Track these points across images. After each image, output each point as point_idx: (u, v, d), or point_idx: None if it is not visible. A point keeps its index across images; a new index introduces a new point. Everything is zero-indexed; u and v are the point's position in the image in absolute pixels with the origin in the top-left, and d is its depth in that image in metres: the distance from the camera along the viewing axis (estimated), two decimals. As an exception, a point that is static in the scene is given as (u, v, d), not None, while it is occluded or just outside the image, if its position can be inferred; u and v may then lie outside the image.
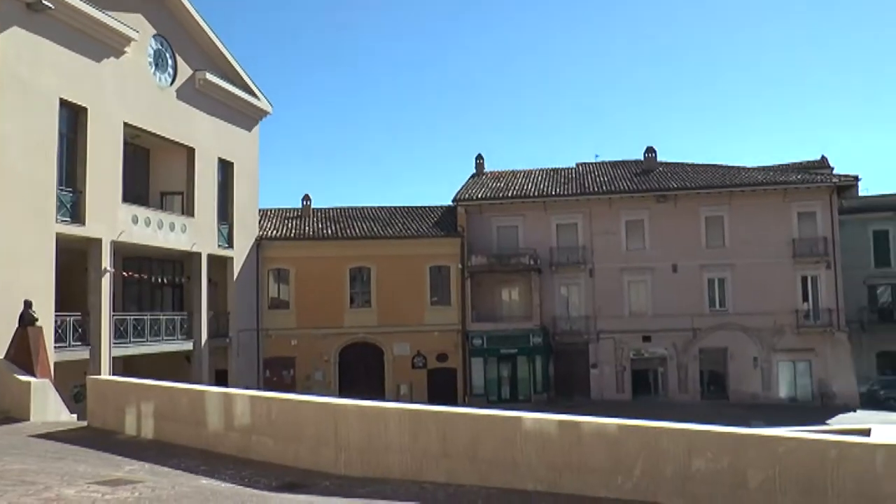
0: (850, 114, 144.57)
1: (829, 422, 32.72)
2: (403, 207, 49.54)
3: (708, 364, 44.68)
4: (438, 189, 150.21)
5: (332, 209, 49.67)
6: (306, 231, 46.21)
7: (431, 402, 36.62)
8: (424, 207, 49.38)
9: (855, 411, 39.82)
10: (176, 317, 35.19)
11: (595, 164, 51.82)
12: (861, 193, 56.18)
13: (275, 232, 45.45)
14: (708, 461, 11.31)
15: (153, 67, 33.49)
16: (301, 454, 13.70)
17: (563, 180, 48.63)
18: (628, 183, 46.87)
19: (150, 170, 36.29)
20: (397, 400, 37.77)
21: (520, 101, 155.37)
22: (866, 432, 13.28)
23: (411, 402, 26.70)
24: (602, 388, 44.36)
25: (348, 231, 46.05)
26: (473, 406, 24.36)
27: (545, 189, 47.11)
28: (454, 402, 39.39)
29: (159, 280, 36.12)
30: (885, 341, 53.65)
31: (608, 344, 44.65)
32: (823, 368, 43.49)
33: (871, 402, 43.98)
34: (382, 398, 35.76)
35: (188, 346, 35.52)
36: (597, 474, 11.80)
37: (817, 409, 40.05)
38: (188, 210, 36.01)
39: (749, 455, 11.25)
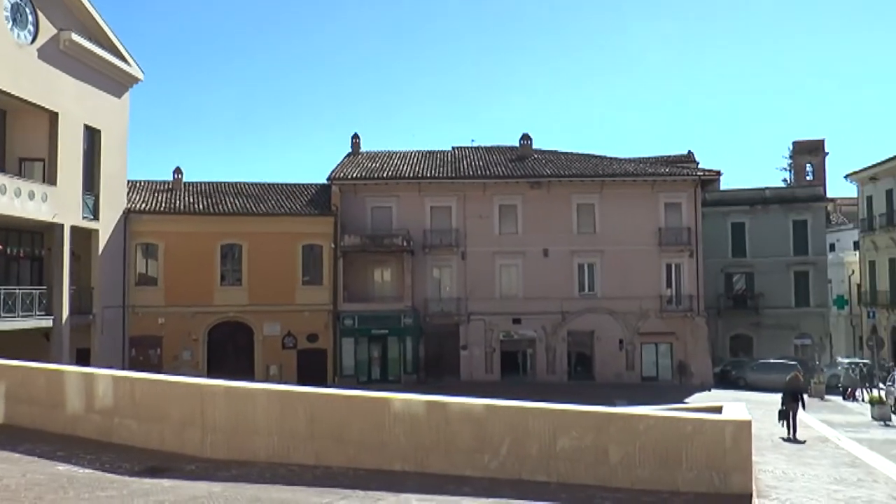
0: (716, 112, 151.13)
1: (686, 400, 34.23)
2: (277, 184, 48.56)
3: (575, 346, 45.96)
4: (313, 167, 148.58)
5: (205, 183, 48.18)
6: (177, 205, 44.66)
7: (301, 383, 36.26)
8: (298, 185, 48.56)
9: (710, 390, 41.82)
10: (34, 291, 33.31)
11: (471, 148, 52.25)
12: (722, 188, 59.15)
13: (144, 205, 43.75)
14: (572, 439, 11.65)
15: (10, 23, 31.39)
16: (166, 437, 13.31)
17: (438, 163, 48.81)
18: (503, 168, 47.47)
19: (7, 134, 34.16)
20: (267, 381, 37.27)
21: (398, 83, 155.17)
22: (718, 409, 13.98)
23: (281, 382, 26.36)
24: (472, 370, 44.94)
25: (220, 206, 44.81)
26: (343, 387, 24.25)
27: (420, 171, 47.17)
28: (324, 384, 39.09)
29: (16, 252, 34.19)
30: (739, 326, 56.91)
31: (479, 325, 45.24)
32: (683, 350, 45.51)
33: (725, 381, 46.79)
34: (252, 379, 35.05)
35: (47, 322, 33.72)
36: (464, 454, 11.95)
37: (676, 388, 41.86)
38: (50, 178, 34.06)
39: (611, 432, 11.68)
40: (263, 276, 43.34)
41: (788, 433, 21.62)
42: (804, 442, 20.50)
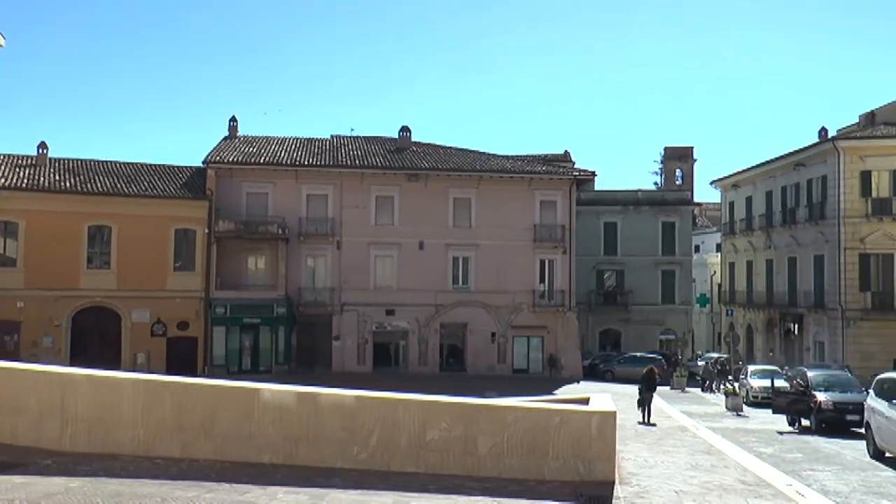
0: (592, 115, 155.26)
1: (556, 392, 35.00)
2: (150, 165, 46.66)
3: (448, 338, 46.46)
4: (189, 149, 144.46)
5: (72, 160, 45.63)
6: (41, 182, 42.34)
7: (170, 372, 35.19)
8: (172, 167, 46.86)
9: (579, 382, 43.00)
10: None
11: (349, 137, 51.85)
12: (596, 188, 60.94)
13: (3, 181, 41.38)
14: (442, 430, 11.77)
15: None
16: (20, 430, 12.58)
17: (316, 151, 48.22)
18: (381, 159, 47.34)
19: None
20: (134, 370, 35.95)
21: (278, 68, 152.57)
22: (585, 401, 14.42)
23: (148, 372, 25.58)
24: (344, 360, 44.73)
25: (89, 185, 42.80)
26: (213, 377, 23.81)
27: (298, 158, 46.50)
28: (194, 373, 37.96)
29: None
30: (608, 321, 58.95)
31: (352, 316, 45.07)
32: (554, 344, 46.68)
33: (594, 374, 48.31)
34: (118, 368, 33.87)
35: None
36: (333, 445, 11.90)
37: (547, 380, 42.81)
38: None
39: (480, 423, 11.86)
40: (133, 260, 41.72)
41: (644, 418, 23.74)
42: (655, 425, 22.67)
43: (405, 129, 50.55)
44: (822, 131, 52.68)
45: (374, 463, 11.74)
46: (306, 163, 45.80)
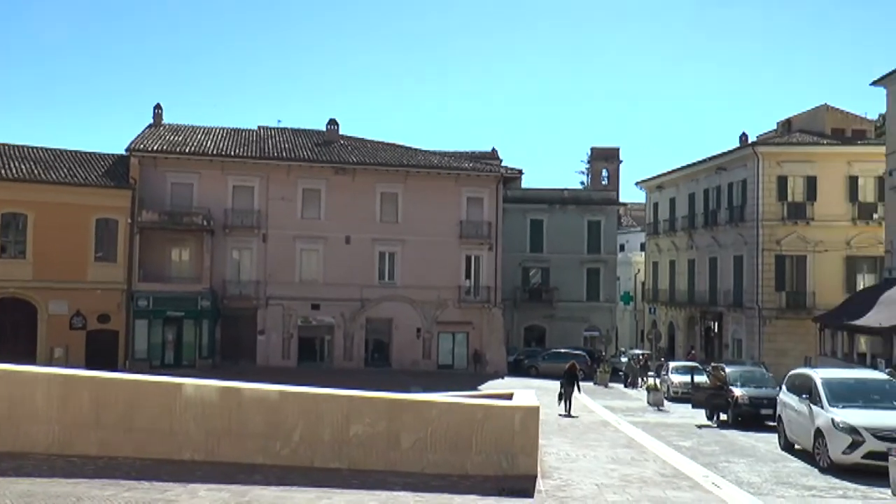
0: (521, 114, 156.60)
1: (480, 387, 35.27)
2: (70, 151, 44.96)
3: (374, 333, 46.29)
4: (111, 136, 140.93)
5: (-15, 144, 43.97)
6: (-51, 167, 40.74)
7: (89, 366, 34.15)
8: (94, 154, 45.30)
9: (503, 378, 43.32)
10: None
11: (277, 129, 51.03)
12: (524, 186, 61.55)
13: None
14: (366, 426, 11.76)
15: None
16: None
17: (243, 141, 47.41)
18: (309, 152, 46.84)
19: None
20: (50, 364, 34.96)
21: (204, 57, 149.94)
22: (509, 396, 14.56)
23: (66, 366, 24.87)
24: (268, 355, 44.20)
25: (3, 171, 41.12)
26: (135, 372, 23.22)
27: (224, 148, 45.64)
28: (114, 368, 36.98)
29: None
30: (533, 317, 59.58)
31: (277, 310, 44.57)
32: (479, 340, 46.91)
33: (518, 370, 48.68)
34: (33, 362, 32.79)
35: None
36: (256, 441, 11.79)
37: (471, 376, 43.07)
38: None
39: (404, 418, 11.90)
40: (51, 250, 40.20)
41: (565, 410, 25.24)
42: (578, 416, 24.02)
43: (333, 123, 50.11)
44: (743, 137, 54.27)
45: (297, 459, 11.67)
46: (233, 154, 45.03)
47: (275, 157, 45.46)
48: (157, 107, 48.97)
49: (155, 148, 43.90)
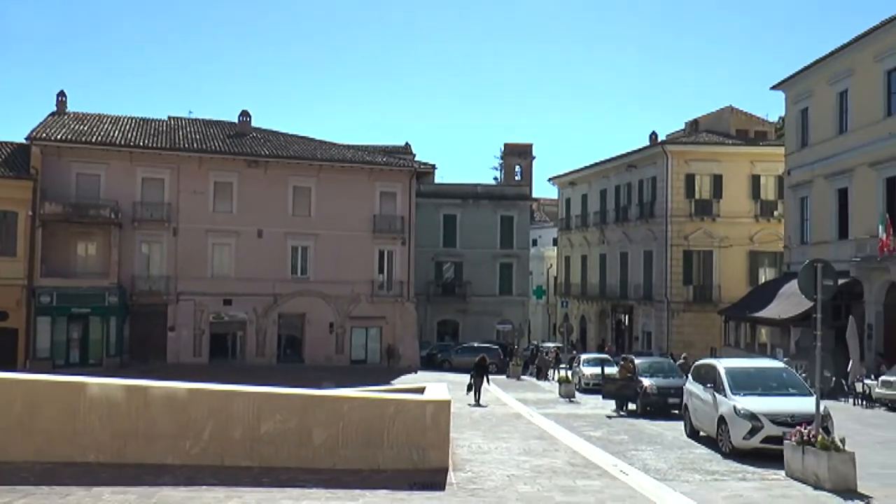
0: (433, 109, 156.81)
1: (393, 382, 35.24)
2: (-36, 140, 43.28)
3: (286, 328, 45.86)
4: (9, 125, 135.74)
5: None
6: None
7: (-14, 365, 32.90)
8: (-9, 143, 43.65)
9: (416, 372, 43.33)
10: None
11: (188, 119, 49.88)
12: (437, 181, 61.77)
13: None
14: (277, 423, 11.65)
15: None
16: None
17: (153, 132, 46.14)
18: (220, 144, 46.03)
19: None
20: (-57, 362, 33.49)
21: (114, 43, 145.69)
22: (421, 390, 14.61)
23: (-40, 364, 23.89)
24: (179, 352, 43.30)
25: None
26: (36, 371, 22.46)
27: (133, 139, 44.32)
28: (14, 368, 35.64)
29: None
30: (446, 311, 59.88)
31: (188, 306, 43.67)
32: (392, 334, 46.94)
33: (431, 364, 48.75)
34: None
35: None
36: (164, 440, 11.55)
37: (384, 370, 42.99)
38: None
39: (316, 415, 11.83)
40: (-56, 244, 38.60)
41: (475, 400, 26.47)
42: (486, 406, 25.19)
43: (245, 114, 49.32)
44: (653, 136, 55.63)
45: (206, 458, 11.48)
46: (142, 144, 43.81)
47: (186, 148, 44.53)
48: (61, 94, 47.07)
49: (58, 137, 42.24)
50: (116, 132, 44.97)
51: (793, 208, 41.39)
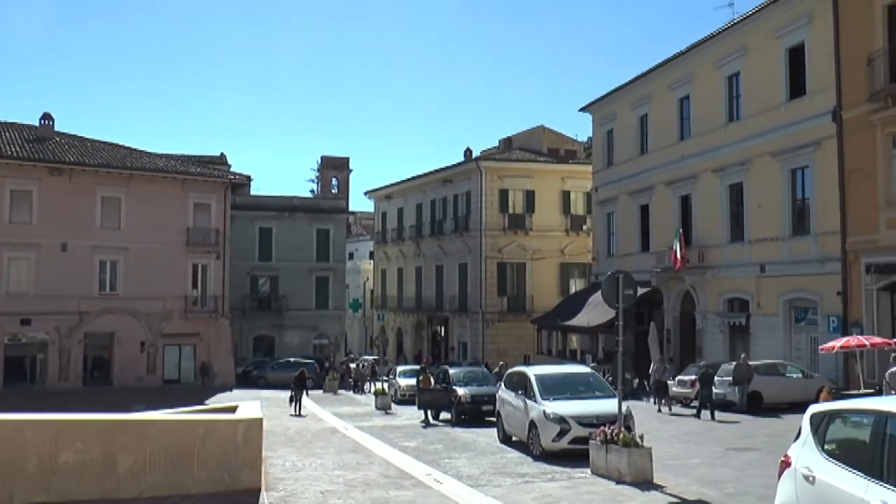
0: (249, 119, 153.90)
1: (207, 401, 34.17)
2: None
3: (94, 349, 43.34)
4: None
5: None
6: None
7: None
8: None
9: (232, 390, 42.03)
10: None
11: (-20, 123, 46.19)
12: (253, 193, 60.60)
13: None
14: (77, 452, 10.99)
15: None
16: None
17: (-63, 135, 42.53)
18: (19, 148, 42.66)
19: None
20: None
21: None
22: (234, 409, 14.30)
23: None
24: (-31, 378, 40.00)
25: None
26: None
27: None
28: None
29: None
30: (262, 326, 58.68)
31: (-22, 327, 40.47)
32: (207, 352, 45.39)
33: (247, 381, 47.29)
34: None
35: None
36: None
37: (199, 390, 41.42)
38: None
39: (121, 440, 11.28)
40: None
41: (296, 412, 28.05)
42: (306, 416, 26.69)
43: (47, 117, 45.94)
44: (468, 152, 57.07)
45: (-8, 495, 10.66)
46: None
47: (-23, 153, 41.12)
48: None
49: None
50: None
51: (600, 223, 43.76)
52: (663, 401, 26.96)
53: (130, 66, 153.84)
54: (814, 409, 7.62)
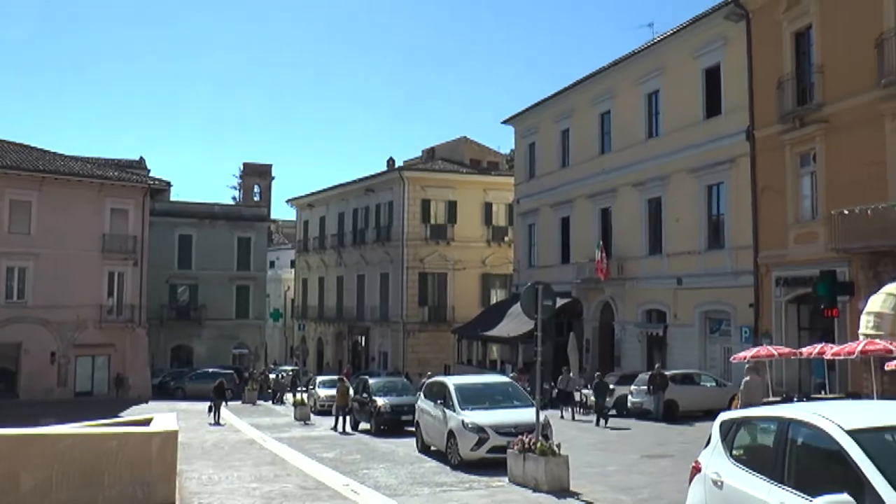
0: (170, 123, 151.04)
1: (122, 414, 33.22)
2: None
3: (-1, 360, 41.80)
4: None
5: None
6: None
7: None
8: None
9: (147, 402, 40.96)
10: None
11: None
12: (173, 198, 59.36)
13: None
14: (-25, 471, 10.51)
15: None
16: None
17: None
18: (-83, 150, 41.08)
19: None
20: None
21: None
22: (148, 422, 13.97)
23: None
24: None
25: None
26: None
27: None
28: None
29: None
30: (181, 336, 57.54)
31: None
32: (122, 363, 44.13)
33: (164, 392, 46.12)
34: None
35: None
36: None
37: (113, 402, 40.18)
38: None
39: (24, 456, 10.84)
40: None
41: (215, 420, 28.34)
42: (225, 424, 26.88)
43: (-49, 122, 44.51)
44: (390, 161, 57.13)
45: None
46: None
47: None
48: None
49: None
50: None
51: (521, 234, 44.21)
52: (567, 408, 28.14)
53: (40, 63, 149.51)
54: (723, 416, 7.82)
